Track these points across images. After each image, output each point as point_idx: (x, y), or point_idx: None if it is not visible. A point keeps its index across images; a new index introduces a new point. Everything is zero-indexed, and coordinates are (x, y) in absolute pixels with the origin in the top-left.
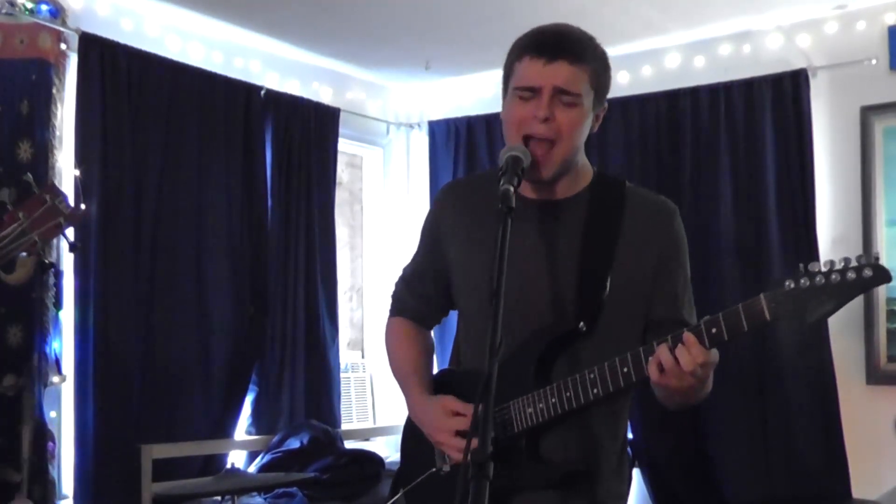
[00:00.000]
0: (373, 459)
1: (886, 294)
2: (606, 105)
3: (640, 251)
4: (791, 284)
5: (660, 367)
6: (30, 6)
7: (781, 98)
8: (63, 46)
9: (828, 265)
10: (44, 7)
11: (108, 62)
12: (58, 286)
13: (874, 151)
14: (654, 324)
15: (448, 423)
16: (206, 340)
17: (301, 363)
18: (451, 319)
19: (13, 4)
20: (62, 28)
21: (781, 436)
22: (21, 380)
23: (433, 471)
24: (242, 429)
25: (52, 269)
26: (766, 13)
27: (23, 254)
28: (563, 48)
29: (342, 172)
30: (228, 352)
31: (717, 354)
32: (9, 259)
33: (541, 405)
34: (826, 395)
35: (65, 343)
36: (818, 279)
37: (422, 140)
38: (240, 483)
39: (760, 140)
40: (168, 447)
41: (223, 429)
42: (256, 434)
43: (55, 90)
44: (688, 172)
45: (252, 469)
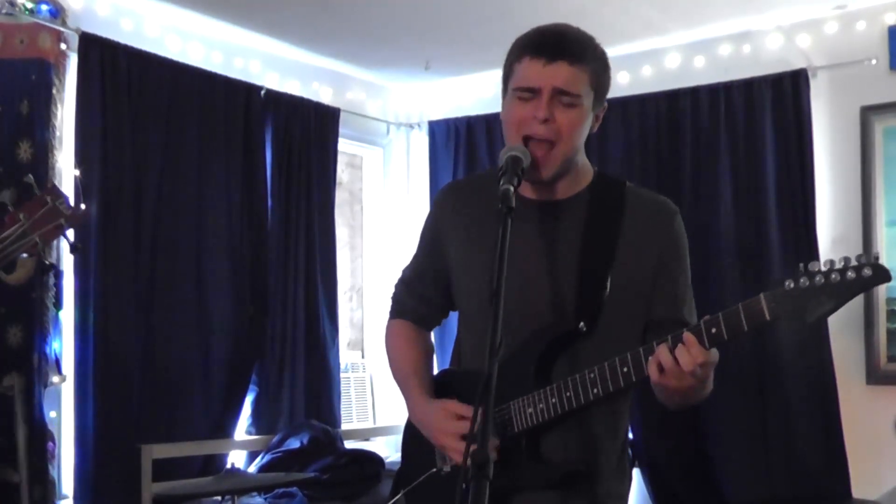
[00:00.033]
0: (373, 459)
1: (886, 294)
2: (606, 105)
3: (641, 251)
4: (791, 284)
5: (659, 367)
6: (30, 6)
7: (781, 98)
8: (63, 46)
9: (827, 265)
10: (44, 7)
11: (108, 62)
12: (58, 286)
13: (874, 152)
14: (655, 324)
15: (451, 427)
16: (206, 340)
17: (301, 363)
18: (451, 321)
19: (13, 4)
20: (62, 28)
21: (781, 436)
22: (20, 380)
23: (433, 471)
24: (242, 429)
25: (53, 270)
26: (766, 13)
27: (23, 255)
28: (563, 49)
29: (342, 172)
30: (228, 352)
31: (717, 354)
32: (9, 260)
33: (541, 405)
34: (826, 395)
35: (65, 343)
36: (818, 279)
37: (422, 140)
38: (240, 483)
39: (760, 140)
40: (168, 447)
41: (223, 429)
42: (256, 434)
43: (55, 90)
44: (688, 172)
45: (252, 469)
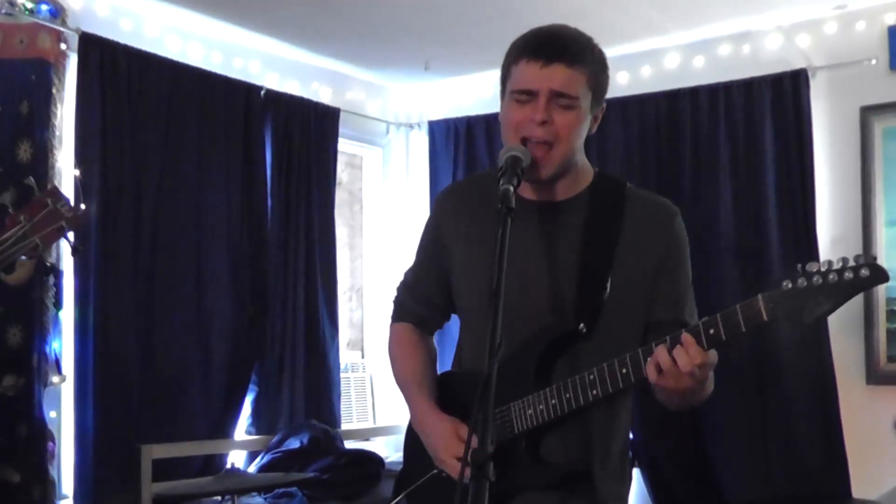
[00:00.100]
0: (373, 459)
1: (886, 294)
2: (605, 106)
3: (641, 252)
4: (789, 285)
5: (658, 368)
6: (30, 6)
7: (781, 98)
8: (63, 46)
9: (825, 265)
10: (44, 7)
11: (108, 62)
12: (58, 286)
13: (874, 152)
14: (655, 325)
15: (453, 447)
16: (206, 340)
17: (301, 363)
18: (451, 323)
19: (13, 4)
20: (62, 28)
21: (781, 436)
22: (20, 380)
23: (434, 472)
24: (242, 429)
25: (53, 270)
26: (766, 13)
27: (23, 257)
28: (560, 51)
29: (342, 172)
30: (228, 352)
31: (716, 355)
32: (10, 262)
33: (541, 407)
34: (826, 395)
35: (65, 343)
36: (815, 279)
37: (421, 140)
38: (240, 483)
39: (760, 140)
40: (168, 447)
41: (223, 429)
42: (256, 434)
43: (55, 90)
44: (687, 172)
45: (252, 469)
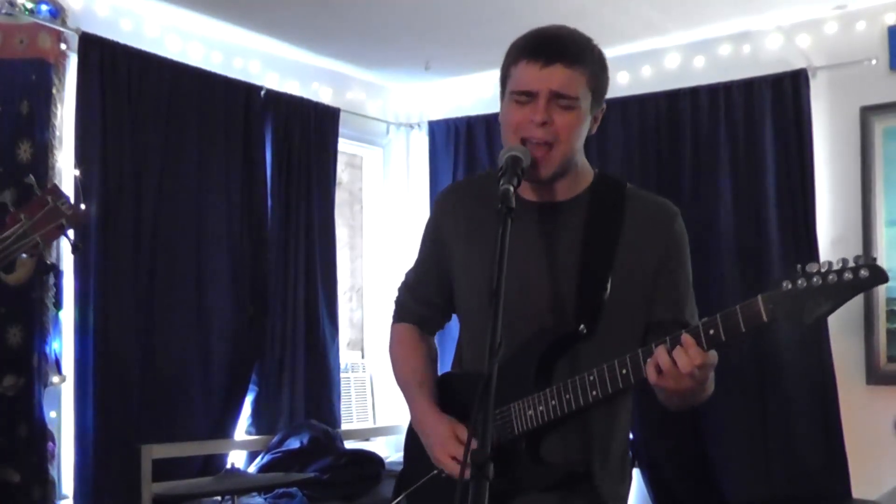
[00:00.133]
0: (373, 459)
1: (886, 294)
2: (605, 106)
3: (641, 253)
4: (788, 285)
5: (657, 369)
6: (30, 6)
7: (781, 98)
8: (63, 46)
9: (825, 266)
10: (44, 7)
11: (108, 62)
12: (58, 286)
13: (874, 152)
14: (656, 325)
15: (453, 449)
16: (206, 340)
17: (301, 363)
18: (451, 323)
19: (13, 4)
20: (62, 28)
21: (781, 436)
22: (20, 380)
23: (434, 473)
24: (242, 429)
25: (53, 270)
26: (766, 13)
27: (23, 255)
28: (560, 51)
29: (342, 172)
30: (228, 352)
31: (716, 356)
32: (10, 261)
33: (541, 408)
34: (826, 396)
35: (65, 343)
36: (815, 280)
37: (422, 140)
38: (240, 483)
39: (760, 140)
40: (168, 447)
41: (223, 429)
42: (256, 434)
43: (55, 90)
44: (688, 172)
45: (252, 469)
